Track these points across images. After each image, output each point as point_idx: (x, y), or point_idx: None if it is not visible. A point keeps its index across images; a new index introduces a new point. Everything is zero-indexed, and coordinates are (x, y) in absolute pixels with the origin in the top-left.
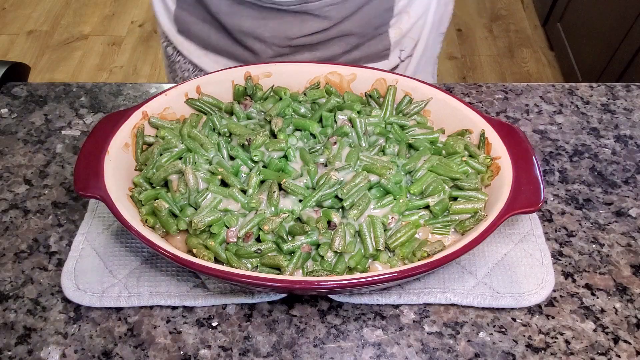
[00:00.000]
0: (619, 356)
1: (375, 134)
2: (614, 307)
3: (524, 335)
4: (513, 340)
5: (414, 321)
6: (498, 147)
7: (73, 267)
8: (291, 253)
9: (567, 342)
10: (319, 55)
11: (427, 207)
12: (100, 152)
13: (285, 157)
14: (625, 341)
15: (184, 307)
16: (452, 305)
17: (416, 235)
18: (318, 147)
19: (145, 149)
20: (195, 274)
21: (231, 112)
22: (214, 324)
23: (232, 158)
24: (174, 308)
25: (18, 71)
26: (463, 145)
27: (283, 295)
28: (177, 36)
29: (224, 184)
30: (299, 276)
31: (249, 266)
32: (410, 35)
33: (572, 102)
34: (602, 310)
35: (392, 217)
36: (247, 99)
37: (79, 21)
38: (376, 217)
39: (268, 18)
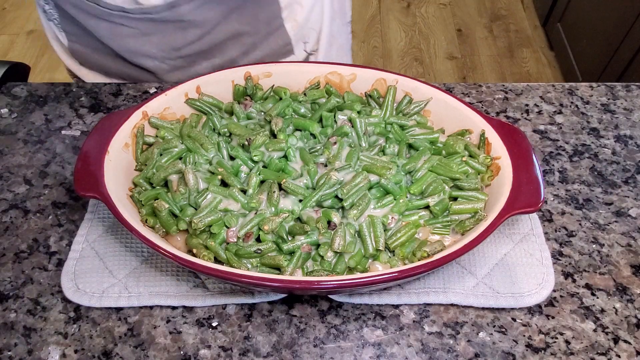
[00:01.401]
0: (619, 356)
1: (375, 134)
2: (614, 307)
3: (524, 335)
4: (513, 340)
5: (414, 321)
6: (498, 147)
7: (73, 267)
8: (291, 253)
9: (567, 342)
10: (218, 62)
11: (427, 207)
12: (100, 152)
13: (285, 157)
14: (625, 341)
15: (184, 307)
16: (452, 305)
17: (416, 235)
18: (318, 147)
19: (145, 149)
20: (195, 274)
21: (231, 112)
22: (214, 324)
23: (232, 158)
24: (174, 308)
25: (18, 71)
26: (463, 145)
27: (283, 295)
28: (81, 68)
29: (224, 184)
30: (299, 276)
31: (249, 266)
32: (310, 26)
33: (572, 102)
34: (602, 310)
35: (392, 217)
36: (247, 99)
37: None
38: (376, 217)
39: (149, 33)
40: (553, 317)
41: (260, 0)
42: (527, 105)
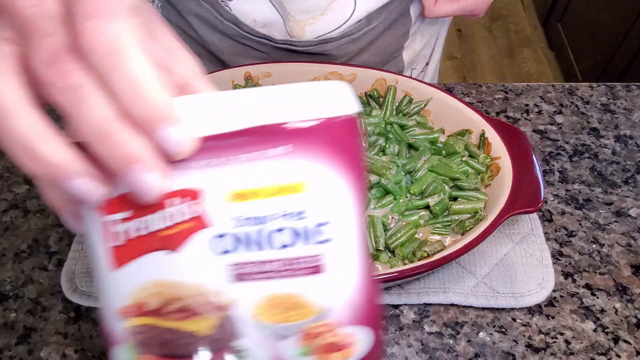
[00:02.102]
0: (619, 356)
1: (375, 134)
2: (614, 307)
3: (524, 335)
4: (513, 340)
5: (414, 321)
6: (498, 147)
7: (73, 267)
8: None
9: (567, 342)
10: None
11: (427, 207)
12: None
13: None
14: (625, 341)
15: None
16: (452, 305)
17: (416, 235)
18: None
19: None
20: None
21: None
22: None
23: None
24: None
25: None
26: (463, 145)
27: None
28: None
29: None
30: None
31: None
32: (423, 54)
33: (572, 102)
34: (602, 310)
35: (392, 217)
36: None
37: None
38: (376, 217)
39: (278, 59)
40: (553, 317)
41: (393, 34)
42: (527, 105)
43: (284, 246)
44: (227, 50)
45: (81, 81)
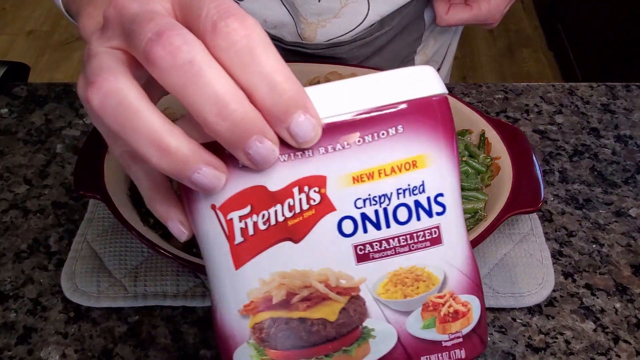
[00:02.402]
0: (619, 356)
1: None
2: (614, 307)
3: (524, 335)
4: (513, 340)
5: None
6: (498, 147)
7: (73, 267)
8: None
9: (567, 342)
10: None
11: None
12: (100, 152)
13: None
14: (625, 341)
15: (184, 307)
16: None
17: None
18: None
19: None
20: (195, 274)
21: None
22: None
23: None
24: (174, 308)
25: (18, 71)
26: (463, 145)
27: None
28: None
29: None
30: None
31: None
32: (435, 59)
33: (572, 102)
34: (602, 310)
35: None
36: None
37: None
38: None
39: (290, 61)
40: (553, 317)
41: (406, 39)
42: (527, 105)
43: (405, 222)
44: None
45: (194, 56)
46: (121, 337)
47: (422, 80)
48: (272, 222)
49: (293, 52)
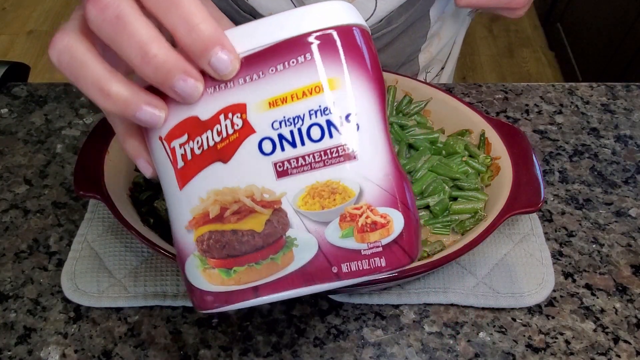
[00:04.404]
0: (619, 356)
1: None
2: (614, 307)
3: (524, 335)
4: (513, 340)
5: (414, 321)
6: (498, 147)
7: (73, 267)
8: None
9: (567, 342)
10: None
11: (427, 207)
12: (100, 152)
13: None
14: (625, 341)
15: (184, 307)
16: (452, 305)
17: None
18: None
19: None
20: None
21: None
22: (213, 324)
23: None
24: (174, 308)
25: (18, 71)
26: (463, 145)
27: None
28: None
29: None
30: None
31: None
32: (439, 58)
33: (572, 102)
34: (602, 310)
35: None
36: None
37: None
38: None
39: None
40: (553, 317)
41: (411, 36)
42: (527, 105)
43: (318, 139)
44: None
45: (120, 11)
46: (121, 337)
47: (330, 13)
48: (205, 146)
49: None
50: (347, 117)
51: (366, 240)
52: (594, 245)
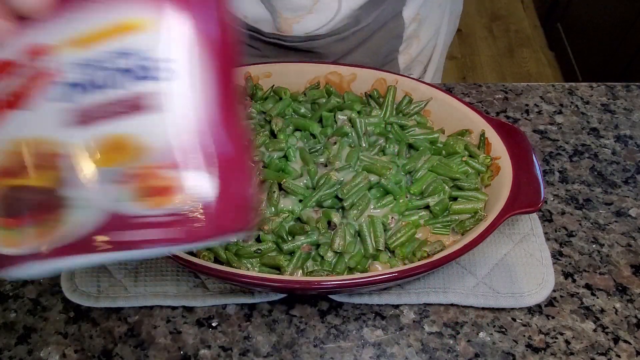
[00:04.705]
0: (619, 356)
1: (375, 134)
2: (614, 307)
3: (524, 335)
4: (513, 340)
5: (414, 321)
6: (498, 147)
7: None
8: (291, 253)
9: (567, 342)
10: None
11: (427, 207)
12: None
13: (285, 157)
14: (625, 341)
15: (184, 307)
16: (452, 305)
17: (416, 235)
18: (318, 147)
19: None
20: (195, 274)
21: None
22: (214, 324)
23: None
24: (174, 308)
25: None
26: (463, 145)
27: (283, 295)
28: None
29: None
30: (299, 276)
31: (249, 266)
32: (420, 59)
33: (572, 102)
34: (602, 310)
35: (392, 217)
36: (246, 99)
37: None
38: (376, 217)
39: (270, 56)
40: (553, 317)
41: (385, 36)
42: (527, 105)
43: (120, 86)
44: None
45: None
46: (121, 337)
47: None
48: (8, 90)
49: (272, 44)
50: (159, 63)
51: (160, 205)
52: (594, 245)
